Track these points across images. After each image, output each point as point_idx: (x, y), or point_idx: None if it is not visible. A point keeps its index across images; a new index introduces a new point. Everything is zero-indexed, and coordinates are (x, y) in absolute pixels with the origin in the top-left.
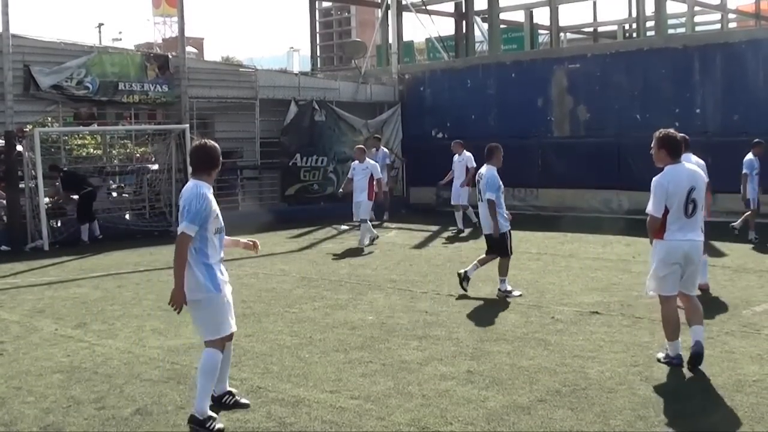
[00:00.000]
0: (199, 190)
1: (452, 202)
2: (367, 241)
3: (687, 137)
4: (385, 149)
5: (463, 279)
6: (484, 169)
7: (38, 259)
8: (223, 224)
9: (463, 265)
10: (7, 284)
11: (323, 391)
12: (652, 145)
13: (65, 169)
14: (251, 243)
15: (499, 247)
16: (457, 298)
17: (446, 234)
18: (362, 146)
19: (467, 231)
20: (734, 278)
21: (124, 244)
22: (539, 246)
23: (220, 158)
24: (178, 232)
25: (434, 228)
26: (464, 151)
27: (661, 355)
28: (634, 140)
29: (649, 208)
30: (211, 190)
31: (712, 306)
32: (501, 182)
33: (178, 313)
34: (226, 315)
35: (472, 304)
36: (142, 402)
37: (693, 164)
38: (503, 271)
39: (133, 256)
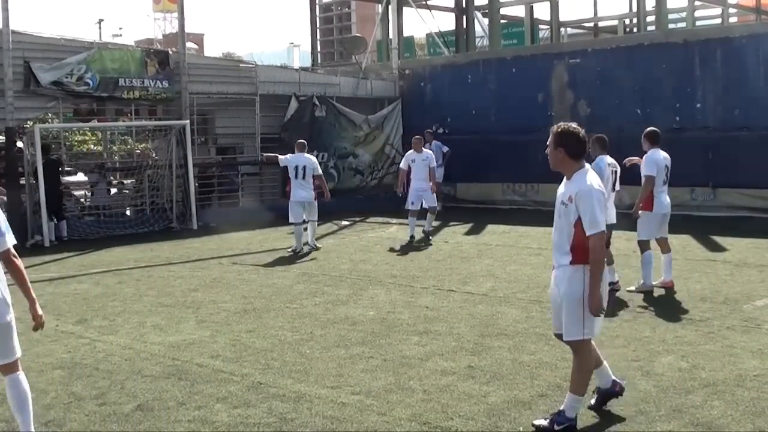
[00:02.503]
0: None
1: (418, 207)
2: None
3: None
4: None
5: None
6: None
7: (39, 256)
8: None
9: (463, 261)
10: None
11: (324, 387)
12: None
13: (53, 156)
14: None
15: None
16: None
17: (450, 230)
18: (302, 141)
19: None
20: (735, 273)
21: (125, 240)
22: (540, 241)
23: None
24: None
25: (435, 223)
26: (423, 149)
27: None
28: (635, 135)
29: (602, 224)
30: None
31: (712, 301)
32: (604, 172)
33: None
34: None
35: (473, 299)
36: (143, 398)
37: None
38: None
39: (134, 252)
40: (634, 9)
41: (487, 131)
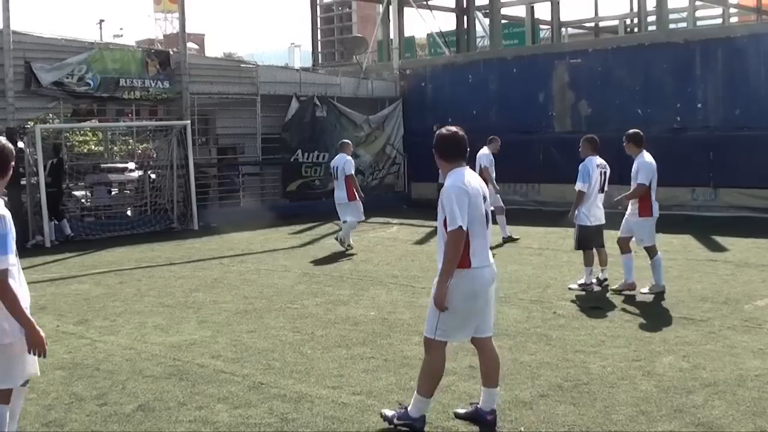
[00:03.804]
0: None
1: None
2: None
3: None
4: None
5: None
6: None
7: (40, 256)
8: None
9: None
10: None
11: (325, 387)
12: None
13: (62, 156)
14: None
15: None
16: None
17: None
18: (345, 141)
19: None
20: (736, 273)
21: (126, 240)
22: (540, 241)
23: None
24: None
25: (436, 223)
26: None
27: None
28: None
29: (458, 220)
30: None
31: (713, 300)
32: (591, 173)
33: None
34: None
35: None
36: (144, 398)
37: None
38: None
39: (135, 252)
40: (635, 9)
41: (487, 131)
